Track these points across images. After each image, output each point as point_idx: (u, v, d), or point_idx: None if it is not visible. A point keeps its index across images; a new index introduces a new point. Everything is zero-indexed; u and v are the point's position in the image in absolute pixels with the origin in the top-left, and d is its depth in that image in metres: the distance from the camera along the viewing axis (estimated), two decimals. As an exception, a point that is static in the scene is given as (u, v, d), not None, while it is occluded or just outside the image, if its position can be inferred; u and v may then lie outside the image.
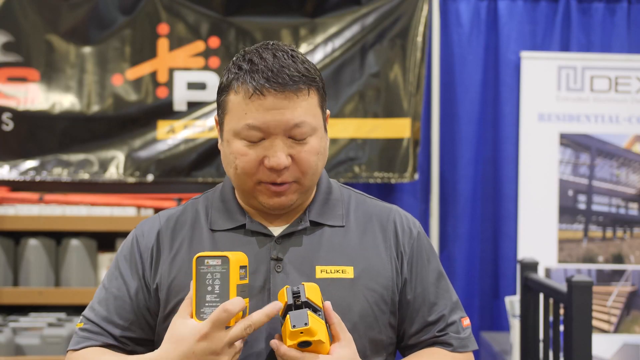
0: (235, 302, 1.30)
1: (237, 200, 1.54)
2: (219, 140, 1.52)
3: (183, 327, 1.33)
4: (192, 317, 1.34)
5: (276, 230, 1.51)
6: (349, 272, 1.48)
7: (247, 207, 1.54)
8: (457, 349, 1.55)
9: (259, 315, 1.33)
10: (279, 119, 1.41)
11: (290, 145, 1.43)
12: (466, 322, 1.59)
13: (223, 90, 1.48)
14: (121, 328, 1.50)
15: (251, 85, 1.41)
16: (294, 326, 1.31)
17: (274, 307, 1.34)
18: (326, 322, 1.36)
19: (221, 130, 1.50)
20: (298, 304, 1.33)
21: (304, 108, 1.43)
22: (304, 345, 1.32)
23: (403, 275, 1.53)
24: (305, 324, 1.30)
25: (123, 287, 1.52)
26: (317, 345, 1.33)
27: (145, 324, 1.51)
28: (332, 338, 1.38)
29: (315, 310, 1.34)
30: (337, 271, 1.47)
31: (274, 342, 1.35)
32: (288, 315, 1.32)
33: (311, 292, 1.36)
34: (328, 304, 1.37)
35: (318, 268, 1.47)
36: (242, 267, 1.35)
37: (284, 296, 1.35)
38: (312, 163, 1.46)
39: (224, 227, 1.51)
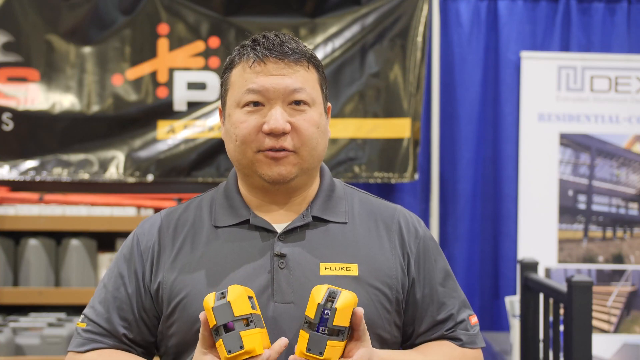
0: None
1: (241, 195, 1.54)
2: (222, 130, 1.53)
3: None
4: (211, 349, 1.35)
5: (280, 227, 1.49)
6: (353, 270, 1.47)
7: (250, 199, 1.53)
8: (466, 344, 1.55)
9: (271, 353, 1.33)
10: (278, 83, 1.45)
11: (290, 113, 1.46)
12: (474, 319, 1.59)
13: (226, 70, 1.52)
14: (122, 328, 1.49)
15: (253, 54, 1.47)
16: (308, 349, 1.31)
17: (281, 343, 1.34)
18: (352, 328, 1.34)
19: (224, 112, 1.52)
20: (325, 317, 1.31)
21: (303, 77, 1.47)
22: None
23: (411, 275, 1.53)
24: (320, 353, 1.31)
25: (122, 288, 1.51)
26: None
27: (143, 325, 1.51)
28: (352, 339, 1.36)
29: (339, 332, 1.32)
30: (342, 268, 1.47)
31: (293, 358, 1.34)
32: (308, 334, 1.31)
33: (345, 304, 1.31)
34: (360, 311, 1.34)
35: (322, 265, 1.46)
36: (249, 298, 1.34)
37: (320, 295, 1.32)
38: (312, 133, 1.47)
39: (228, 223, 1.51)
